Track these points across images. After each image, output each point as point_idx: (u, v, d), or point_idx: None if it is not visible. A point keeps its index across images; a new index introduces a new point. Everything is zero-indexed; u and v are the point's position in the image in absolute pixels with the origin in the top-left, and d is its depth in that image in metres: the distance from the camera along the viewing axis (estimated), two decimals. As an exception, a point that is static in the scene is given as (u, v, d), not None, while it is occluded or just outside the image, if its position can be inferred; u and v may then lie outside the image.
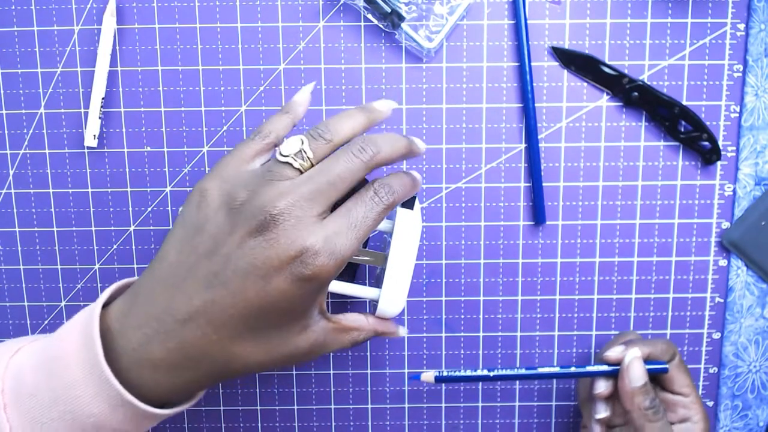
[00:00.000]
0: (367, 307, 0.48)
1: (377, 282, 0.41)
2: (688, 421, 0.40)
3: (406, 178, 0.34)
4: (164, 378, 0.31)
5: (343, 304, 0.48)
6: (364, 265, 0.44)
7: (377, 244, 0.40)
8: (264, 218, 0.29)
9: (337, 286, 0.38)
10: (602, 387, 0.40)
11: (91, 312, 0.31)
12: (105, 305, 0.32)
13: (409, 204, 0.37)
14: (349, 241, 0.30)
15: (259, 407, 0.50)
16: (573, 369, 0.41)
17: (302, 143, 0.32)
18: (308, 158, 0.32)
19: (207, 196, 0.31)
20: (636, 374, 0.38)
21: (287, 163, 0.32)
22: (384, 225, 0.37)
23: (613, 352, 0.40)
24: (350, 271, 0.46)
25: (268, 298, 0.30)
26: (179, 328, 0.30)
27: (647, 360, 0.40)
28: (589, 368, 0.40)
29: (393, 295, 0.37)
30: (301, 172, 0.32)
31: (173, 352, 0.30)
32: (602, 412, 0.40)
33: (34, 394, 0.30)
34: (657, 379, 0.41)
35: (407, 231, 0.36)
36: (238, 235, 0.30)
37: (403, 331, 0.38)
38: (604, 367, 0.40)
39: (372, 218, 0.31)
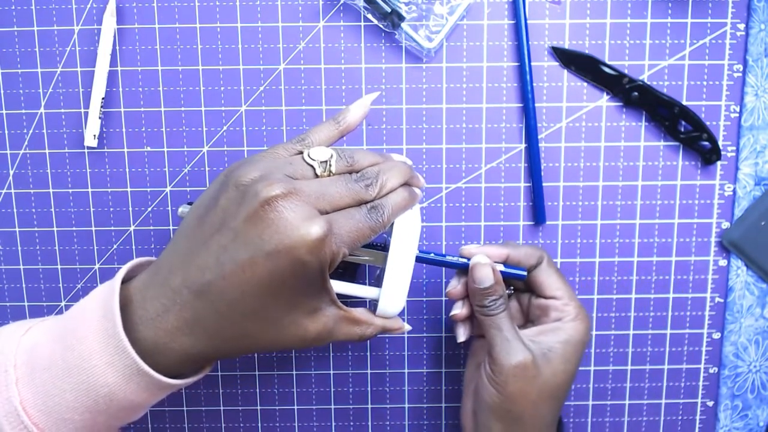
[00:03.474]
0: (368, 306, 0.48)
1: (377, 282, 0.41)
2: (559, 321, 0.40)
3: (402, 202, 0.35)
4: (179, 348, 0.32)
5: (344, 303, 0.48)
6: (364, 265, 0.44)
7: (377, 244, 0.40)
8: (273, 196, 0.30)
9: (337, 286, 0.37)
10: (452, 286, 0.41)
11: (112, 285, 0.32)
12: (125, 280, 0.34)
13: None
14: (348, 241, 0.32)
15: (259, 407, 0.50)
16: (432, 255, 0.40)
17: (331, 156, 0.34)
18: (329, 170, 0.34)
19: (229, 176, 0.33)
20: (477, 276, 0.39)
21: (311, 165, 0.34)
22: None
23: (466, 249, 0.41)
24: (350, 271, 0.46)
25: (276, 276, 0.31)
26: (194, 300, 0.31)
27: (507, 263, 0.41)
28: (449, 258, 0.40)
29: (393, 294, 0.37)
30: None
31: (188, 324, 0.31)
32: (456, 309, 0.41)
33: (48, 368, 0.31)
34: (528, 285, 0.42)
35: (407, 231, 0.36)
36: (245, 210, 0.31)
37: (407, 327, 0.40)
38: (463, 260, 0.40)
39: (365, 232, 0.33)
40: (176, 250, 0.33)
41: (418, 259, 0.39)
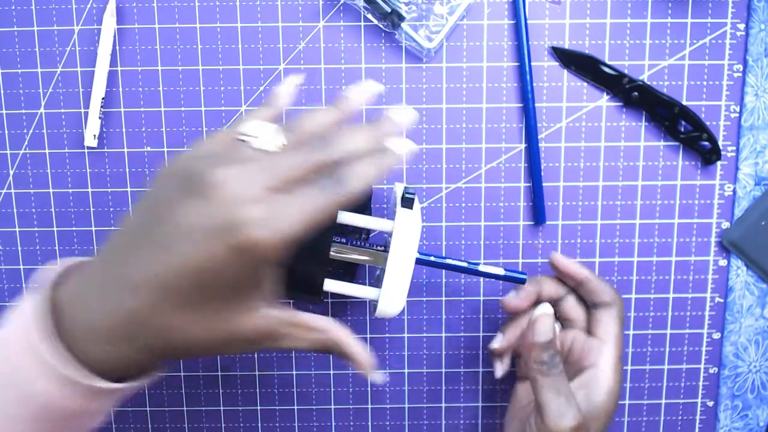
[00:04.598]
0: (368, 307, 0.48)
1: (377, 282, 0.41)
2: (596, 368, 0.39)
3: (371, 169, 0.31)
4: (111, 349, 0.30)
5: (344, 304, 0.48)
6: (364, 265, 0.44)
7: (377, 244, 0.40)
8: (206, 182, 0.28)
9: (337, 286, 0.37)
10: (497, 343, 0.40)
11: (34, 294, 0.30)
12: (59, 284, 0.31)
13: (408, 204, 0.37)
14: (294, 222, 0.28)
15: (259, 407, 0.50)
16: (432, 258, 0.39)
17: (274, 130, 0.32)
18: (277, 145, 0.31)
19: (165, 165, 0.31)
20: (540, 328, 0.38)
21: (248, 142, 0.31)
22: (384, 225, 0.37)
23: (557, 260, 0.40)
24: (350, 271, 0.46)
25: (207, 264, 0.28)
26: (127, 296, 0.29)
27: (579, 289, 0.41)
28: (450, 261, 0.39)
29: (393, 295, 0.37)
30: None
31: (118, 322, 0.29)
32: (496, 342, 0.41)
33: None
34: (587, 321, 0.41)
35: (407, 231, 0.36)
36: (178, 196, 0.29)
37: (378, 377, 0.36)
38: (462, 263, 0.40)
39: (322, 207, 0.29)
40: (108, 248, 0.31)
41: (418, 261, 0.39)
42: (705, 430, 0.49)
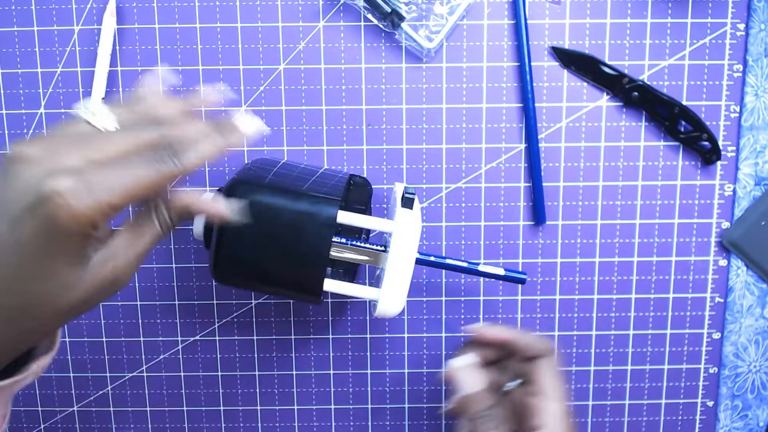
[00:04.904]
0: (368, 307, 0.48)
1: (377, 282, 0.41)
2: (543, 429, 0.37)
3: (208, 142, 0.30)
4: None
5: (344, 304, 0.48)
6: (364, 265, 0.44)
7: (378, 244, 0.40)
8: (12, 157, 0.27)
9: (337, 286, 0.37)
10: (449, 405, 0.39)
11: None
12: None
13: (408, 204, 0.37)
14: (113, 189, 0.27)
15: (259, 407, 0.50)
16: (432, 258, 0.39)
17: (106, 110, 0.31)
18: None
19: None
20: (462, 383, 0.38)
21: (86, 121, 0.30)
22: (384, 225, 0.37)
23: (471, 328, 0.40)
24: (350, 272, 0.46)
25: (22, 240, 0.27)
26: None
27: (509, 348, 0.40)
28: (449, 261, 0.39)
29: (393, 295, 0.36)
30: None
31: None
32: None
33: None
34: (525, 376, 0.40)
35: (407, 231, 0.36)
36: None
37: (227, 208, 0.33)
38: (463, 264, 0.40)
39: (150, 178, 0.28)
40: None
41: (418, 262, 0.39)
42: (705, 430, 0.49)
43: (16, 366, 0.32)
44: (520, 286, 0.48)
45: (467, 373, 0.38)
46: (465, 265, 0.40)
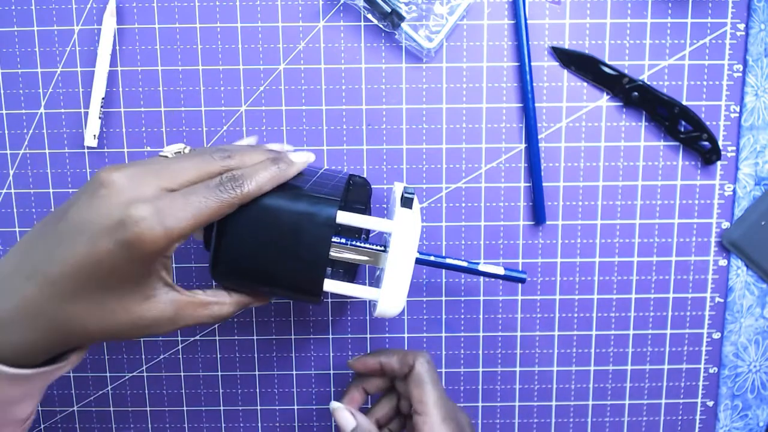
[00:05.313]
0: (367, 307, 0.48)
1: (377, 282, 0.41)
2: None
3: (266, 173, 0.34)
4: (18, 338, 0.31)
5: (344, 304, 0.48)
6: (364, 265, 0.44)
7: (377, 244, 0.40)
8: (97, 182, 0.31)
9: (337, 287, 0.37)
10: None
11: None
12: None
13: (408, 204, 0.37)
14: (182, 219, 0.31)
15: (259, 407, 0.50)
16: (432, 258, 0.40)
17: (184, 148, 0.35)
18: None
19: None
20: (338, 422, 0.40)
21: (164, 156, 0.34)
22: (383, 225, 0.37)
23: (351, 362, 0.43)
24: (350, 272, 0.46)
25: (96, 257, 0.30)
26: (21, 284, 0.31)
27: (382, 372, 0.42)
28: (449, 261, 0.40)
29: (393, 295, 0.36)
30: None
31: (14, 310, 0.31)
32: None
33: None
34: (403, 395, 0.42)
35: (406, 231, 0.36)
36: (78, 195, 0.31)
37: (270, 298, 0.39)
38: (462, 263, 0.40)
39: (213, 206, 0.32)
40: (21, 240, 0.33)
41: (418, 261, 0.39)
42: (705, 430, 0.49)
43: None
44: (520, 285, 0.48)
45: (340, 413, 0.41)
46: (465, 264, 0.40)
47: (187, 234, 0.31)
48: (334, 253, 0.39)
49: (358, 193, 0.45)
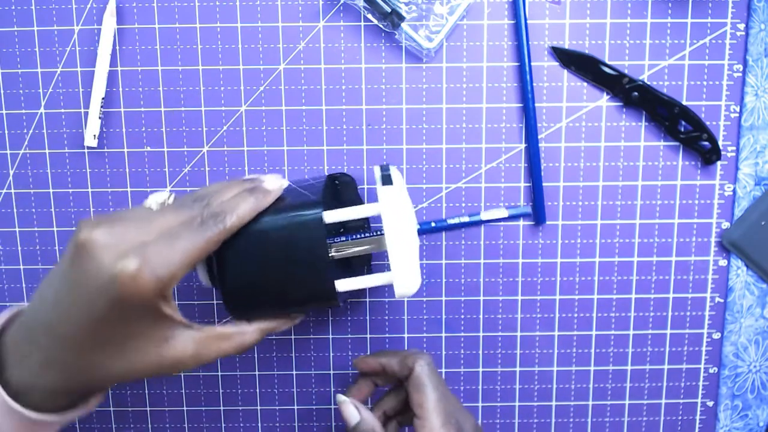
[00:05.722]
0: (367, 307, 0.48)
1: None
2: None
3: (245, 204, 0.34)
4: (44, 385, 0.33)
5: (362, 304, 0.48)
6: (375, 253, 0.44)
7: (378, 230, 0.40)
8: (81, 244, 0.31)
9: (349, 284, 0.37)
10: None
11: None
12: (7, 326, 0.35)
13: (387, 181, 0.37)
14: (170, 264, 0.31)
15: (259, 407, 0.50)
16: (433, 224, 0.39)
17: (169, 196, 0.36)
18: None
19: None
20: (343, 415, 0.40)
21: (148, 207, 0.35)
22: (371, 209, 0.37)
23: (355, 361, 0.43)
24: (365, 264, 0.45)
25: (98, 316, 0.31)
26: (45, 338, 0.32)
27: (385, 374, 0.42)
28: (451, 221, 0.39)
29: (404, 272, 0.36)
30: None
31: (46, 361, 0.32)
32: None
33: None
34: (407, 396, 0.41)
35: (394, 207, 0.36)
36: (67, 255, 0.32)
37: (296, 318, 0.39)
38: (464, 219, 0.39)
39: (199, 245, 0.32)
40: (35, 296, 0.34)
41: (420, 231, 0.38)
42: (705, 430, 0.49)
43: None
44: (520, 286, 0.48)
45: (346, 407, 0.40)
46: (467, 219, 0.39)
47: (179, 277, 0.32)
48: (336, 253, 0.39)
49: (348, 192, 0.45)
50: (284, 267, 0.36)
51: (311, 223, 0.35)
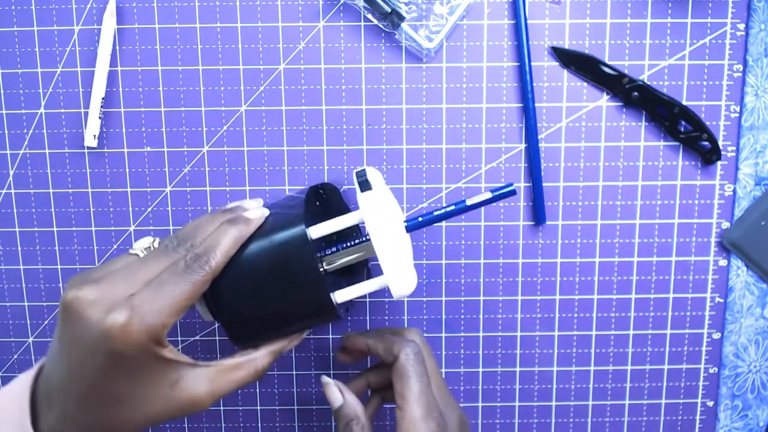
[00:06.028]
0: (367, 307, 0.48)
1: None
2: None
3: (227, 238, 0.34)
4: None
5: (362, 304, 0.48)
6: (368, 260, 0.44)
7: (366, 235, 0.40)
8: (69, 305, 0.31)
9: (346, 294, 0.37)
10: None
11: (26, 380, 0.34)
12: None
13: (365, 187, 0.37)
14: (159, 312, 0.31)
15: (259, 407, 0.50)
16: (420, 219, 0.38)
17: (153, 241, 0.36)
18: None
19: None
20: (328, 397, 0.40)
21: (134, 254, 0.35)
22: (352, 218, 0.37)
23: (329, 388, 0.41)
24: (364, 266, 0.45)
25: (99, 371, 0.31)
26: (59, 396, 0.33)
27: (370, 353, 0.41)
28: (438, 212, 0.38)
29: (397, 274, 0.36)
30: None
31: (65, 418, 0.33)
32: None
33: None
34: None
35: (376, 212, 0.36)
36: (59, 317, 0.32)
37: (303, 332, 0.39)
38: (451, 207, 0.39)
39: (187, 290, 0.32)
40: (48, 353, 0.34)
41: (408, 228, 0.38)
42: (705, 430, 0.49)
43: None
44: (520, 286, 0.48)
45: (330, 388, 0.40)
46: (453, 208, 0.38)
47: (170, 323, 0.32)
48: (328, 266, 0.39)
49: (334, 198, 0.45)
50: (279, 289, 0.36)
51: (297, 241, 0.35)
